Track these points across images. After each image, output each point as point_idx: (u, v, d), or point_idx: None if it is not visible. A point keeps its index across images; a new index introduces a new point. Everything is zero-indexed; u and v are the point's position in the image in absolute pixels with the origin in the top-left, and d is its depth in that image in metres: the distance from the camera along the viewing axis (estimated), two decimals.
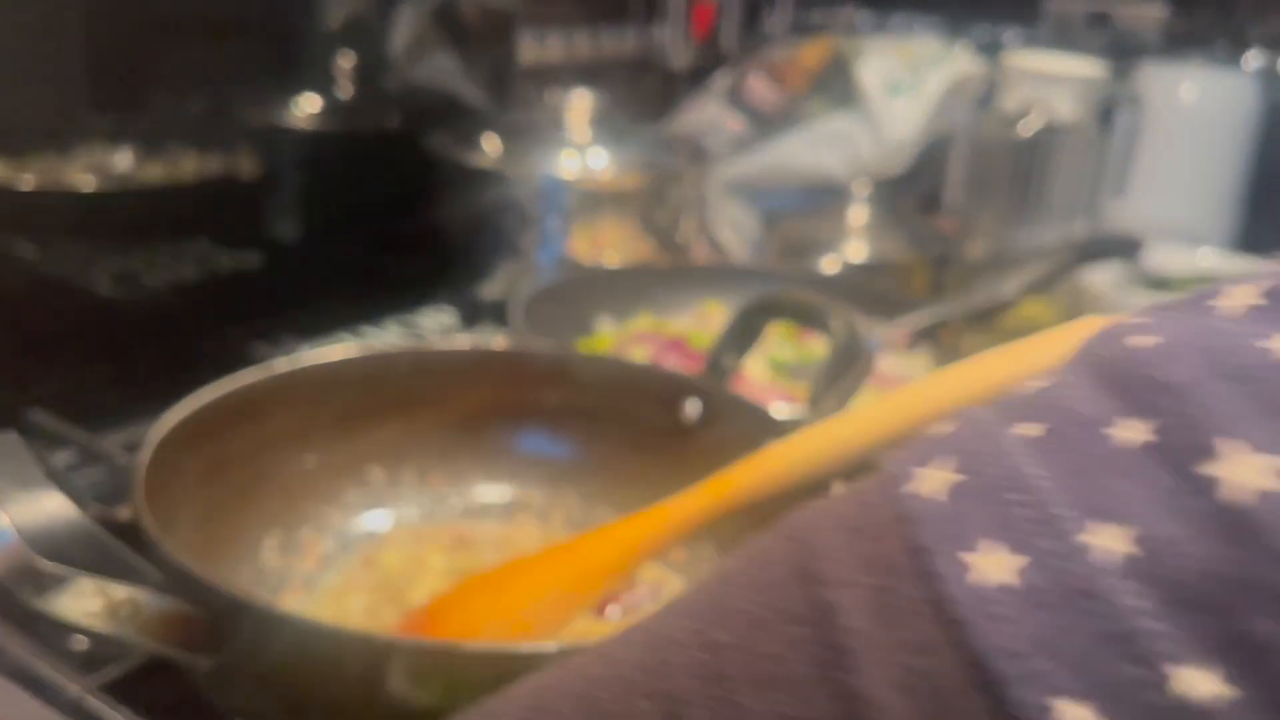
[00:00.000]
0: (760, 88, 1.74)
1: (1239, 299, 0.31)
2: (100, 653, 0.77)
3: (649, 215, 1.40)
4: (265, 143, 1.48)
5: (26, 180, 1.29)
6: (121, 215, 1.38)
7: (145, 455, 0.70)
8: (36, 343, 1.23)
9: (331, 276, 1.53)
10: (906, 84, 1.60)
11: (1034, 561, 0.27)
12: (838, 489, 0.72)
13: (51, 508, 0.58)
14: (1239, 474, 0.26)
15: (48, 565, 0.55)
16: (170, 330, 1.35)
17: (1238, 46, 2.20)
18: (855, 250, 1.57)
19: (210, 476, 0.79)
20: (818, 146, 1.64)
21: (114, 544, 0.60)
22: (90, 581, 0.56)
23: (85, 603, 0.55)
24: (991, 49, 2.41)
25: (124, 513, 0.68)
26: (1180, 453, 0.27)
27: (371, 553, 0.87)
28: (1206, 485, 0.26)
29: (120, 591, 0.56)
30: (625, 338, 1.27)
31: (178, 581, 0.60)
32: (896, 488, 0.31)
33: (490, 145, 1.37)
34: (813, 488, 0.75)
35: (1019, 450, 0.29)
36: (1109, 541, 0.26)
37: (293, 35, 1.52)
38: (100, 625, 0.56)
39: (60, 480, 0.62)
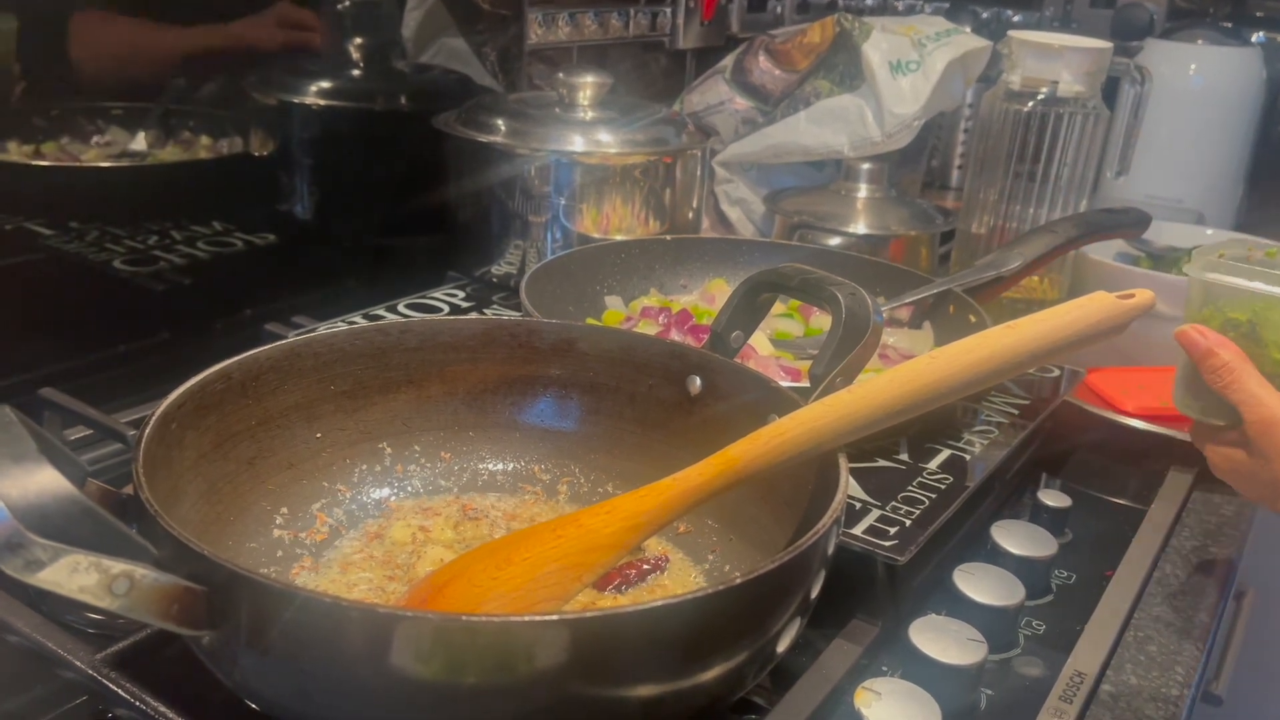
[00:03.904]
0: (766, 66, 1.74)
1: None
2: (108, 628, 0.78)
3: (656, 193, 1.40)
4: (278, 122, 1.48)
5: (42, 159, 1.29)
6: (136, 193, 1.39)
7: (146, 430, 0.71)
8: (51, 321, 1.24)
9: (344, 255, 1.54)
10: (912, 62, 1.59)
11: None
12: (843, 462, 0.72)
13: (44, 483, 0.58)
14: None
15: (38, 541, 0.54)
16: (184, 309, 1.36)
17: (1242, 24, 2.19)
18: (859, 226, 1.57)
19: (216, 452, 0.80)
20: (823, 124, 1.64)
21: (109, 519, 0.60)
22: (84, 556, 0.55)
23: (79, 578, 0.55)
24: (996, 27, 2.41)
25: (130, 489, 0.68)
26: None
27: (379, 526, 0.87)
28: None
29: (115, 566, 0.56)
30: (632, 313, 1.27)
31: (175, 555, 0.60)
32: None
33: (499, 124, 1.37)
34: (815, 461, 0.76)
35: None
36: None
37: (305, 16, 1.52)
38: (95, 600, 0.56)
39: (55, 455, 0.61)
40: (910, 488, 0.94)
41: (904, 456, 1.00)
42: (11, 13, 1.19)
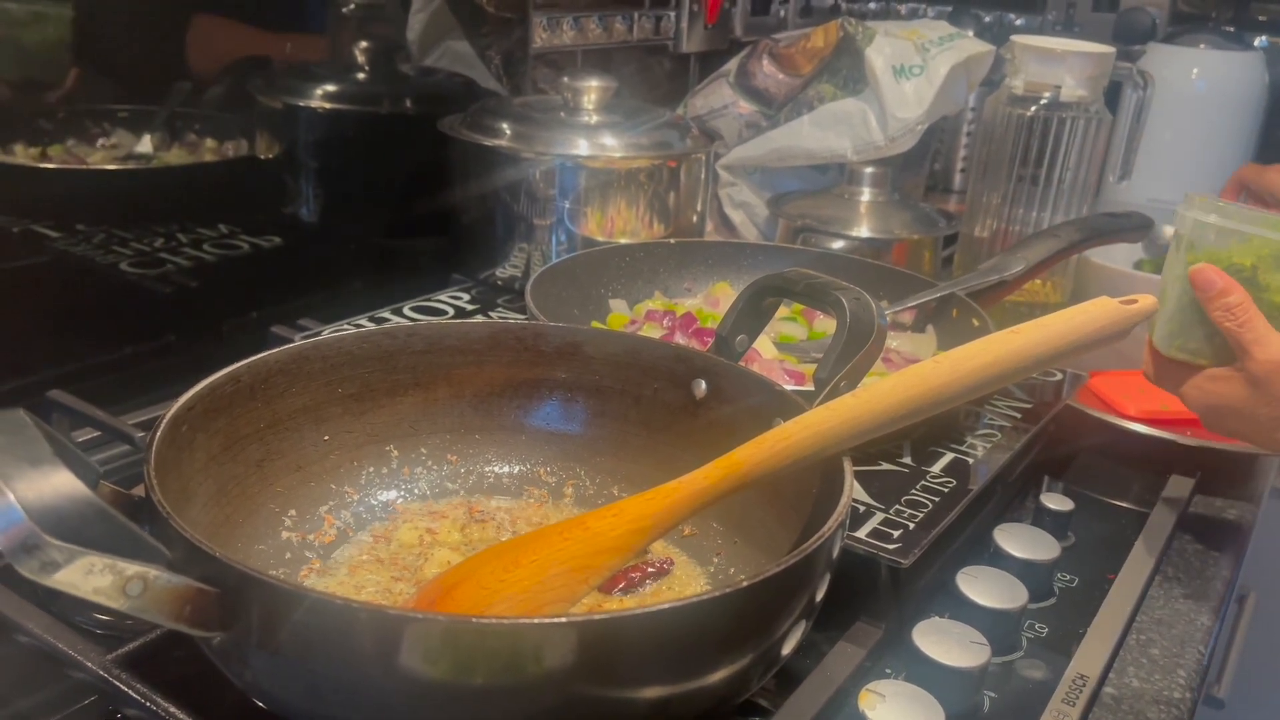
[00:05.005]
0: (770, 70, 1.74)
1: None
2: (116, 628, 0.78)
3: (660, 196, 1.41)
4: (283, 126, 1.48)
5: (48, 162, 1.30)
6: (142, 196, 1.39)
7: (157, 432, 0.71)
8: (58, 323, 1.24)
9: (349, 257, 1.54)
10: (915, 66, 1.60)
11: None
12: (847, 466, 0.73)
13: (59, 485, 0.58)
14: None
15: (54, 543, 0.55)
16: (190, 311, 1.36)
17: (1244, 28, 2.19)
18: (863, 230, 1.58)
19: (226, 454, 0.80)
20: (826, 128, 1.64)
21: (123, 521, 0.60)
22: (99, 558, 0.56)
23: (94, 579, 0.56)
24: (999, 31, 2.41)
25: (139, 491, 0.68)
26: None
27: (386, 528, 0.88)
28: None
29: (129, 568, 0.57)
30: (636, 316, 1.28)
31: (188, 557, 0.60)
32: None
33: (504, 128, 1.38)
34: (820, 464, 0.76)
35: None
36: None
37: (310, 19, 1.52)
38: (109, 601, 0.56)
39: (69, 457, 0.62)
40: (914, 491, 0.95)
41: (907, 460, 1.00)
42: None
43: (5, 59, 1.18)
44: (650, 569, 0.84)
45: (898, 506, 0.92)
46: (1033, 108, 1.49)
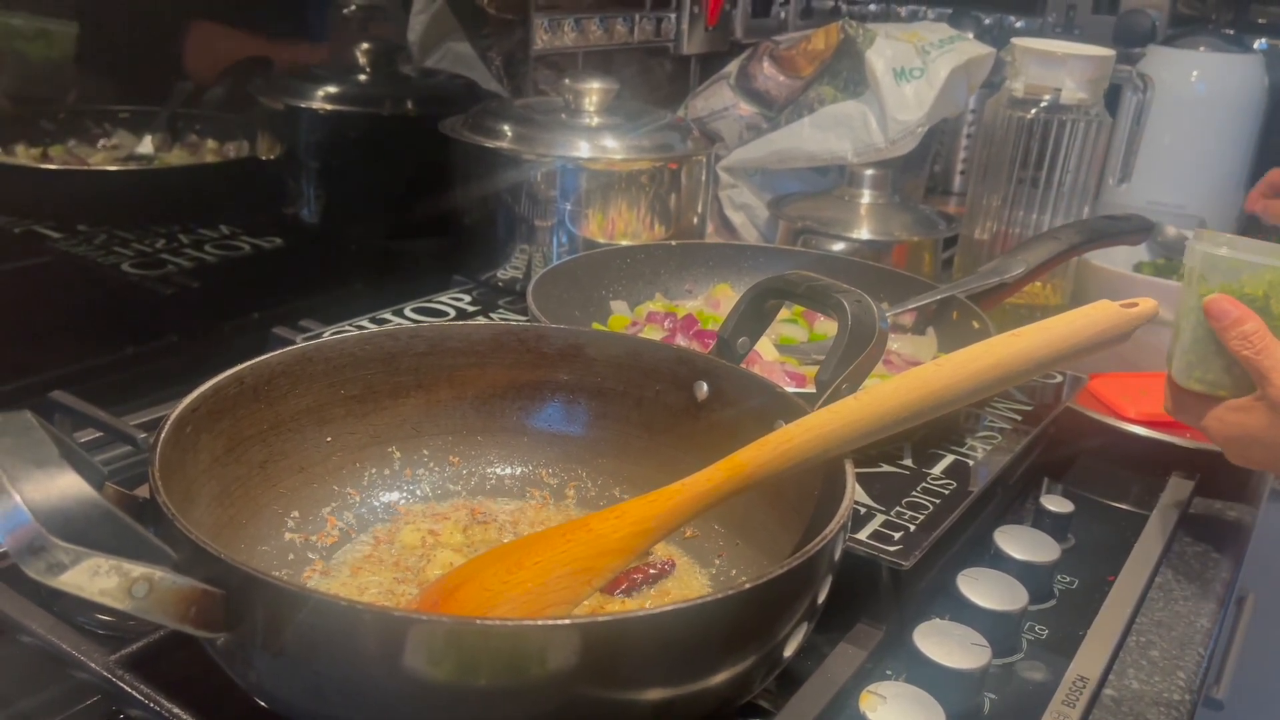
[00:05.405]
0: (770, 72, 1.75)
1: None
2: (119, 629, 0.79)
3: (661, 198, 1.41)
4: (284, 127, 1.48)
5: (49, 162, 1.30)
6: (143, 197, 1.39)
7: (162, 434, 0.71)
8: (59, 324, 1.24)
9: (350, 259, 1.54)
10: (915, 68, 1.60)
11: None
12: (849, 468, 0.73)
13: (65, 487, 0.58)
14: None
15: (60, 544, 0.55)
16: (192, 312, 1.36)
17: (1244, 31, 2.20)
18: (863, 232, 1.58)
19: (229, 456, 0.80)
20: (827, 130, 1.64)
21: (128, 523, 0.60)
22: (105, 560, 0.56)
23: (100, 580, 0.56)
24: (999, 33, 2.42)
25: (143, 492, 0.68)
26: None
27: (388, 530, 0.88)
28: None
29: (135, 569, 0.57)
30: (638, 318, 1.28)
31: (193, 558, 0.61)
32: None
33: (506, 129, 1.38)
34: (822, 467, 0.76)
35: None
36: None
37: (311, 20, 1.52)
38: (115, 602, 0.56)
39: (75, 459, 0.62)
40: (914, 493, 0.95)
41: (908, 462, 1.01)
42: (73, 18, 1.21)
43: (7, 65, 1.19)
44: (653, 571, 0.84)
45: (899, 508, 0.92)
46: (1033, 110, 1.49)
